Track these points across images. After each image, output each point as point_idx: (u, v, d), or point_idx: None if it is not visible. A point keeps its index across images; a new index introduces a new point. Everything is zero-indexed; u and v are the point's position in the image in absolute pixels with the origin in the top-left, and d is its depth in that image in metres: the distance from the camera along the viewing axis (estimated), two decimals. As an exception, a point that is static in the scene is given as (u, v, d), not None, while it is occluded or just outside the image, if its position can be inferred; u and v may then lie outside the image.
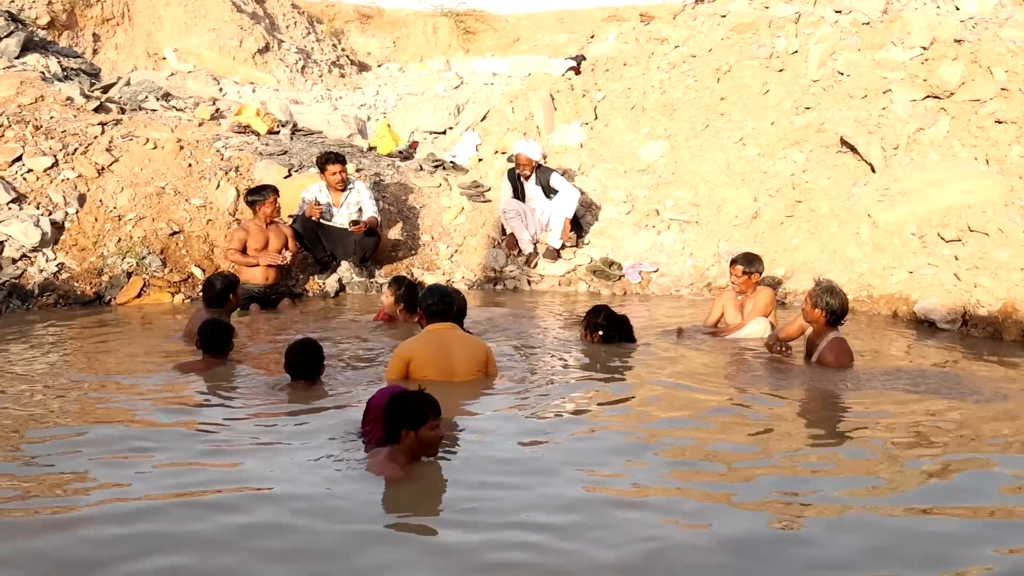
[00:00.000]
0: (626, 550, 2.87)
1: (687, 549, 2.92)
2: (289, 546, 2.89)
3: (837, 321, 5.21)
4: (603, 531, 3.01)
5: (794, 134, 9.10)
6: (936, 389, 4.99)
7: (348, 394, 4.63)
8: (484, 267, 8.74)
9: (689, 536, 3.01)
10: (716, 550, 2.90)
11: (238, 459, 3.65)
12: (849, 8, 9.95)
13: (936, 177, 7.80)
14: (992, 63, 8.36)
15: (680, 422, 4.34)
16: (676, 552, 2.89)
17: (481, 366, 4.84)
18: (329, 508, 3.16)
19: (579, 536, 2.96)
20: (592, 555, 2.84)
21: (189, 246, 7.98)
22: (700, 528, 3.05)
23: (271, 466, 3.55)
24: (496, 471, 3.54)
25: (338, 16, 24.55)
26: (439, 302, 4.88)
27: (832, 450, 4.00)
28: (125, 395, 4.69)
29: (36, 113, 8.63)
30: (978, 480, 3.56)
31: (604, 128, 10.26)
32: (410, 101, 16.00)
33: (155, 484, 3.34)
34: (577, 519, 3.09)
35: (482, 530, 3.00)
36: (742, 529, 3.04)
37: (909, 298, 7.09)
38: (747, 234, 8.57)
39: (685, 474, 3.58)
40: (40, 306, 7.07)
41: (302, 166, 9.04)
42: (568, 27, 24.82)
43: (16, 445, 3.80)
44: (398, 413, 3.40)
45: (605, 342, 5.67)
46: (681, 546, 2.94)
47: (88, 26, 17.73)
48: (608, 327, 5.69)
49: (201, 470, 3.53)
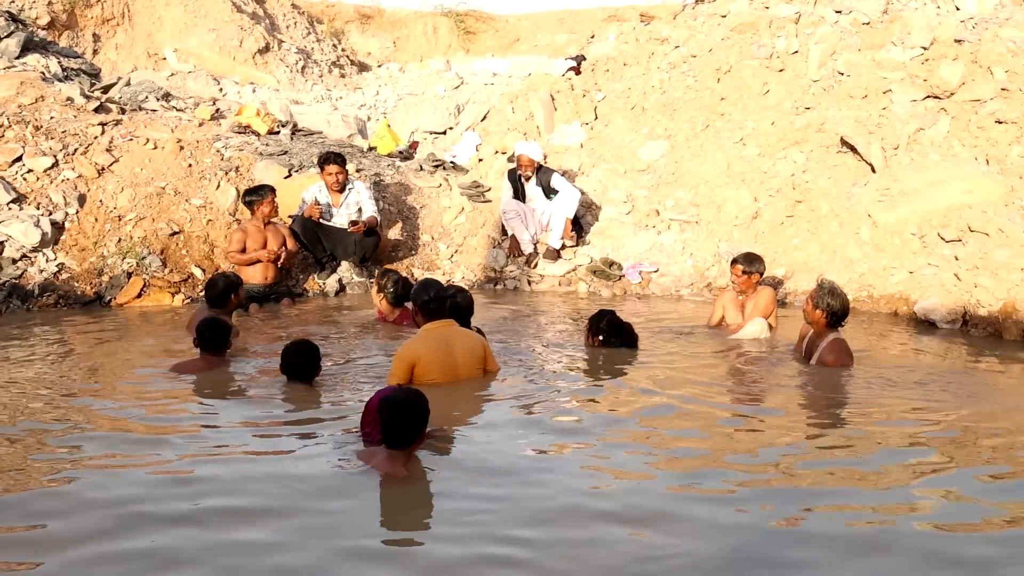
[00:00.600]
0: (621, 572, 2.76)
1: (686, 569, 2.82)
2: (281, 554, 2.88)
3: (838, 322, 5.22)
4: (596, 549, 2.90)
5: (794, 134, 9.10)
6: (937, 390, 4.99)
7: (346, 395, 4.63)
8: (484, 267, 8.74)
9: (687, 553, 2.90)
10: (715, 570, 2.82)
11: (233, 464, 3.63)
12: (849, 8, 9.95)
13: (936, 177, 7.80)
14: (992, 63, 8.36)
15: (682, 432, 4.21)
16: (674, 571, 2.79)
17: (480, 362, 4.80)
18: (319, 521, 3.08)
19: (571, 554, 2.87)
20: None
21: (189, 246, 7.98)
22: (698, 545, 2.95)
23: (266, 471, 3.53)
24: (490, 481, 3.45)
25: (338, 16, 24.57)
26: (435, 299, 4.76)
27: (831, 461, 3.85)
28: (122, 397, 4.68)
29: (36, 113, 8.63)
30: (983, 490, 3.48)
31: (604, 128, 10.26)
32: (410, 101, 16.00)
33: (149, 489, 3.33)
34: (570, 535, 2.99)
35: (472, 543, 2.92)
36: (743, 546, 2.94)
37: (909, 298, 7.09)
38: (747, 234, 8.57)
39: (684, 488, 3.44)
40: (40, 306, 7.07)
41: (302, 166, 9.04)
42: (568, 27, 24.84)
43: (8, 448, 3.78)
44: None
45: (605, 346, 5.68)
46: (679, 568, 2.83)
47: (88, 26, 17.74)
48: (609, 333, 5.71)
49: (198, 473, 3.51)
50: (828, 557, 2.86)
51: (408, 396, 3.49)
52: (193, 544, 2.90)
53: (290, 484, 3.37)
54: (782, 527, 3.10)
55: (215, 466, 3.58)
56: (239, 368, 5.13)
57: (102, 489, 3.32)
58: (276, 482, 3.40)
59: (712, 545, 2.95)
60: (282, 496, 3.27)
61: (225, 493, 3.31)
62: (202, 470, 3.52)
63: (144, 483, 3.38)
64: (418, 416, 3.46)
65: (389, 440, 3.45)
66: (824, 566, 2.82)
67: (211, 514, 3.12)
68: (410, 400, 3.47)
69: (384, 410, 3.45)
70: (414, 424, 3.45)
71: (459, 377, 4.66)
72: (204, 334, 5.02)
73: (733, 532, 3.04)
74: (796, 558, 2.87)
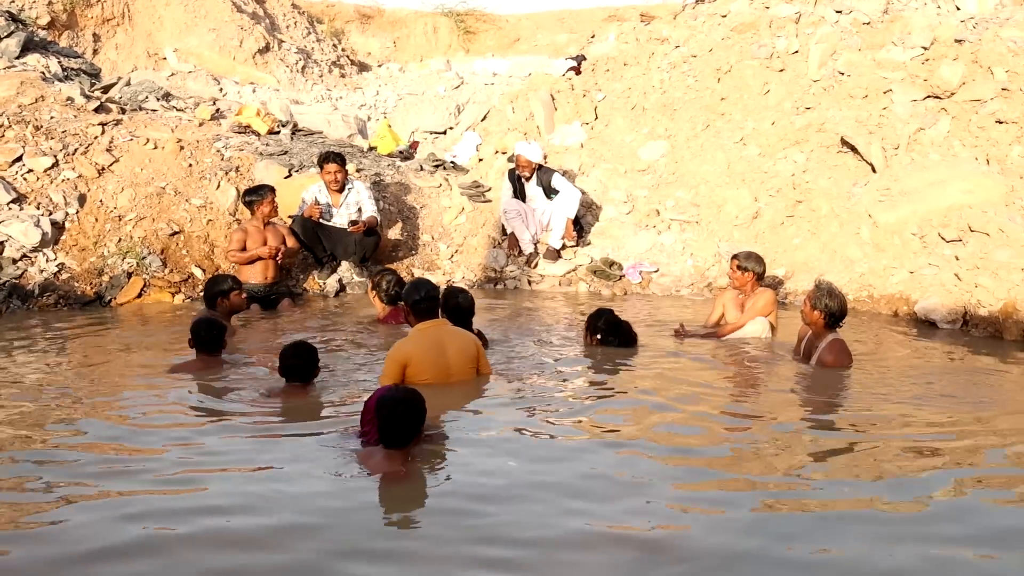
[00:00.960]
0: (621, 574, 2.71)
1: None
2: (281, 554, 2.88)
3: (836, 323, 5.23)
4: (594, 553, 2.86)
5: (795, 134, 9.10)
6: (937, 391, 4.99)
7: (344, 395, 4.62)
8: (484, 267, 8.74)
9: (686, 559, 2.83)
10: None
11: (231, 465, 3.62)
12: (850, 8, 9.95)
13: (937, 177, 7.80)
14: (993, 63, 8.36)
15: (680, 434, 4.14)
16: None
17: (473, 362, 4.76)
18: (317, 522, 3.06)
19: (567, 559, 2.82)
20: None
21: (189, 246, 7.98)
22: (698, 548, 2.90)
23: (265, 474, 3.52)
24: (487, 482, 3.41)
25: (338, 16, 24.56)
26: (426, 298, 4.69)
27: (833, 463, 3.82)
28: (120, 399, 4.67)
29: (36, 113, 8.63)
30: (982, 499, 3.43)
31: (604, 128, 10.26)
32: (410, 101, 16.00)
33: (147, 491, 3.32)
34: (566, 539, 2.95)
35: (468, 544, 2.90)
36: (743, 553, 2.88)
37: (910, 298, 7.09)
38: (748, 234, 8.57)
39: (682, 504, 3.29)
40: (40, 306, 7.07)
41: (302, 166, 9.04)
42: (568, 27, 24.83)
43: (6, 451, 3.76)
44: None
45: (603, 345, 5.68)
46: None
47: (88, 26, 17.73)
48: (607, 331, 5.71)
49: (195, 474, 3.50)
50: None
51: (405, 395, 3.49)
52: (189, 544, 2.90)
53: (288, 485, 3.36)
54: (790, 546, 2.99)
55: (213, 467, 3.57)
56: (236, 370, 5.11)
57: (91, 495, 3.31)
58: (274, 483, 3.39)
59: (712, 547, 2.94)
60: (280, 497, 3.26)
61: (222, 494, 3.30)
62: (199, 472, 3.51)
63: (142, 483, 3.38)
64: (415, 415, 3.46)
65: (387, 440, 3.45)
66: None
67: (207, 514, 3.12)
68: (407, 399, 3.47)
69: (381, 410, 3.46)
70: (411, 423, 3.45)
71: (452, 378, 4.62)
72: (199, 334, 5.02)
73: (734, 537, 3.02)
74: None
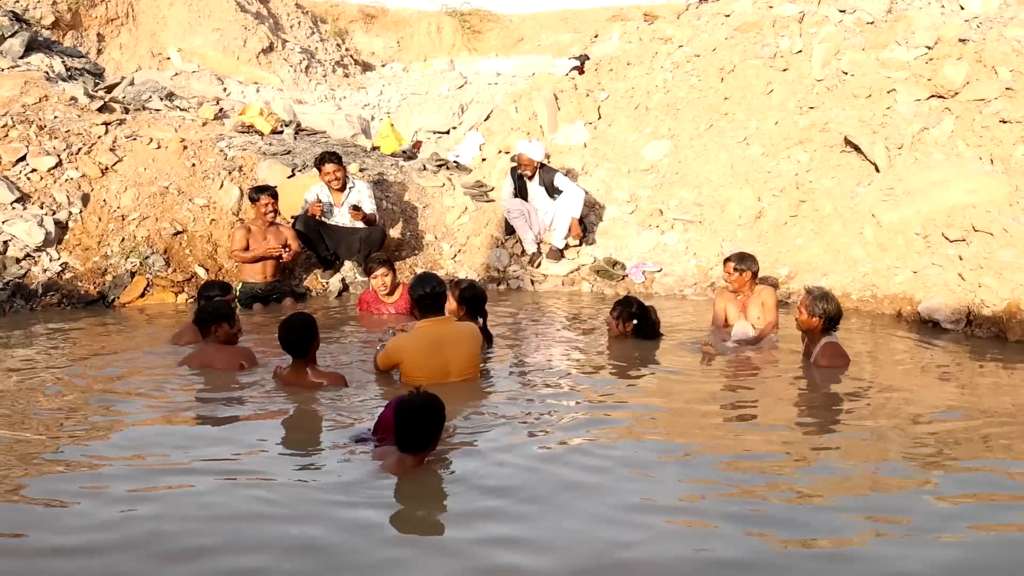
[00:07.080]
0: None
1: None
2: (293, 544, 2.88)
3: (833, 326, 5.23)
4: (606, 554, 2.84)
5: (798, 134, 9.08)
6: (939, 391, 4.98)
7: (350, 392, 4.62)
8: (487, 267, 8.74)
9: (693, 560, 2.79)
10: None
11: (237, 461, 3.64)
12: (853, 7, 9.92)
13: (940, 177, 7.78)
14: (997, 63, 8.33)
15: (686, 435, 4.11)
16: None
17: (476, 359, 4.72)
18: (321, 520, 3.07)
19: (581, 565, 2.79)
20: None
21: (192, 246, 7.99)
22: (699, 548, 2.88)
23: (274, 470, 3.54)
24: (497, 486, 3.38)
25: (342, 16, 24.58)
26: (431, 294, 4.60)
27: (834, 465, 3.78)
28: (126, 394, 4.67)
29: (40, 113, 8.65)
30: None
31: (608, 128, 10.25)
32: (414, 101, 16.03)
33: (157, 488, 3.33)
34: (575, 539, 2.93)
35: (478, 547, 2.89)
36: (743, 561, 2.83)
37: (913, 298, 7.07)
38: (751, 234, 8.56)
39: (687, 520, 3.19)
40: (44, 306, 7.08)
41: (305, 166, 9.05)
42: (572, 27, 24.82)
43: (11, 448, 3.77)
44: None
45: (637, 333, 5.68)
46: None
47: (92, 26, 17.76)
48: (642, 317, 5.73)
49: (199, 470, 3.51)
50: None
51: (426, 400, 3.42)
52: (198, 544, 2.90)
53: (299, 483, 3.38)
54: (796, 547, 2.98)
55: (216, 466, 3.57)
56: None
57: (103, 490, 3.32)
58: (286, 479, 3.40)
59: (714, 551, 2.94)
60: (291, 496, 3.27)
61: (229, 495, 3.29)
62: (200, 470, 3.52)
63: (144, 482, 3.38)
64: (434, 421, 3.41)
65: (403, 443, 3.40)
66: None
67: (213, 514, 3.12)
68: (428, 405, 3.40)
69: (400, 413, 3.39)
70: (429, 429, 3.41)
71: (451, 377, 4.54)
72: (205, 320, 5.06)
73: (735, 545, 3.01)
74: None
